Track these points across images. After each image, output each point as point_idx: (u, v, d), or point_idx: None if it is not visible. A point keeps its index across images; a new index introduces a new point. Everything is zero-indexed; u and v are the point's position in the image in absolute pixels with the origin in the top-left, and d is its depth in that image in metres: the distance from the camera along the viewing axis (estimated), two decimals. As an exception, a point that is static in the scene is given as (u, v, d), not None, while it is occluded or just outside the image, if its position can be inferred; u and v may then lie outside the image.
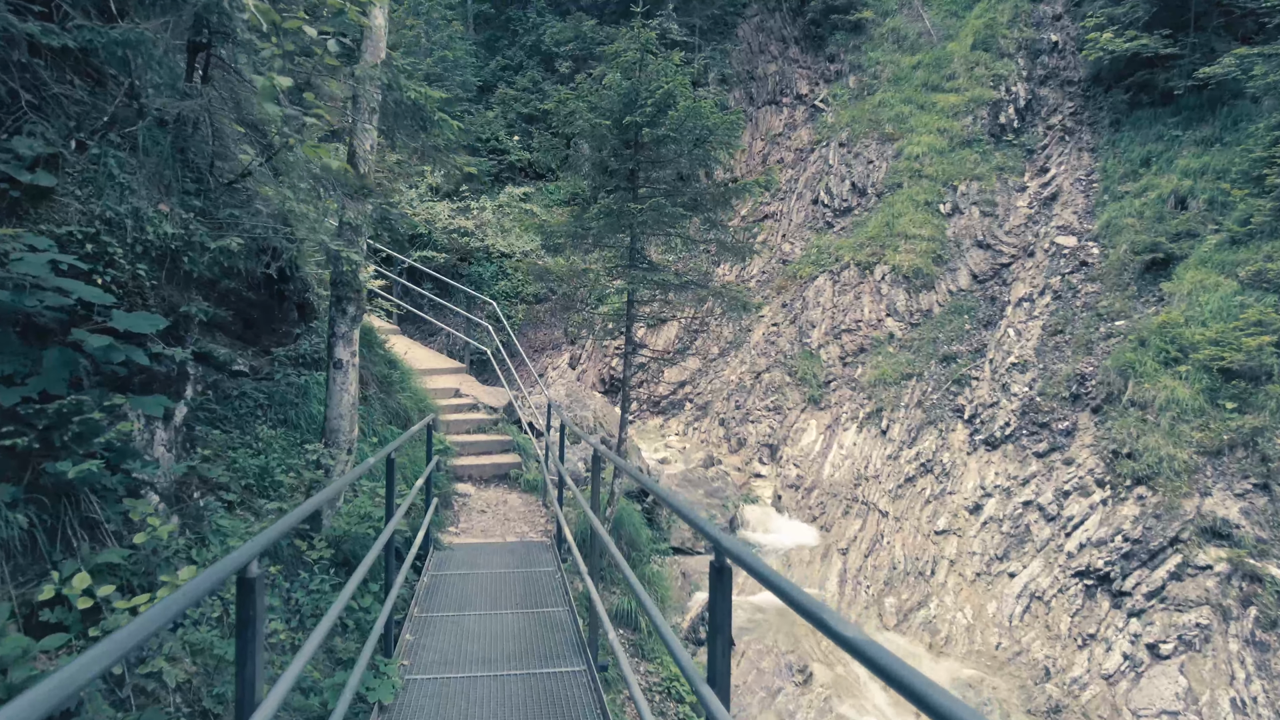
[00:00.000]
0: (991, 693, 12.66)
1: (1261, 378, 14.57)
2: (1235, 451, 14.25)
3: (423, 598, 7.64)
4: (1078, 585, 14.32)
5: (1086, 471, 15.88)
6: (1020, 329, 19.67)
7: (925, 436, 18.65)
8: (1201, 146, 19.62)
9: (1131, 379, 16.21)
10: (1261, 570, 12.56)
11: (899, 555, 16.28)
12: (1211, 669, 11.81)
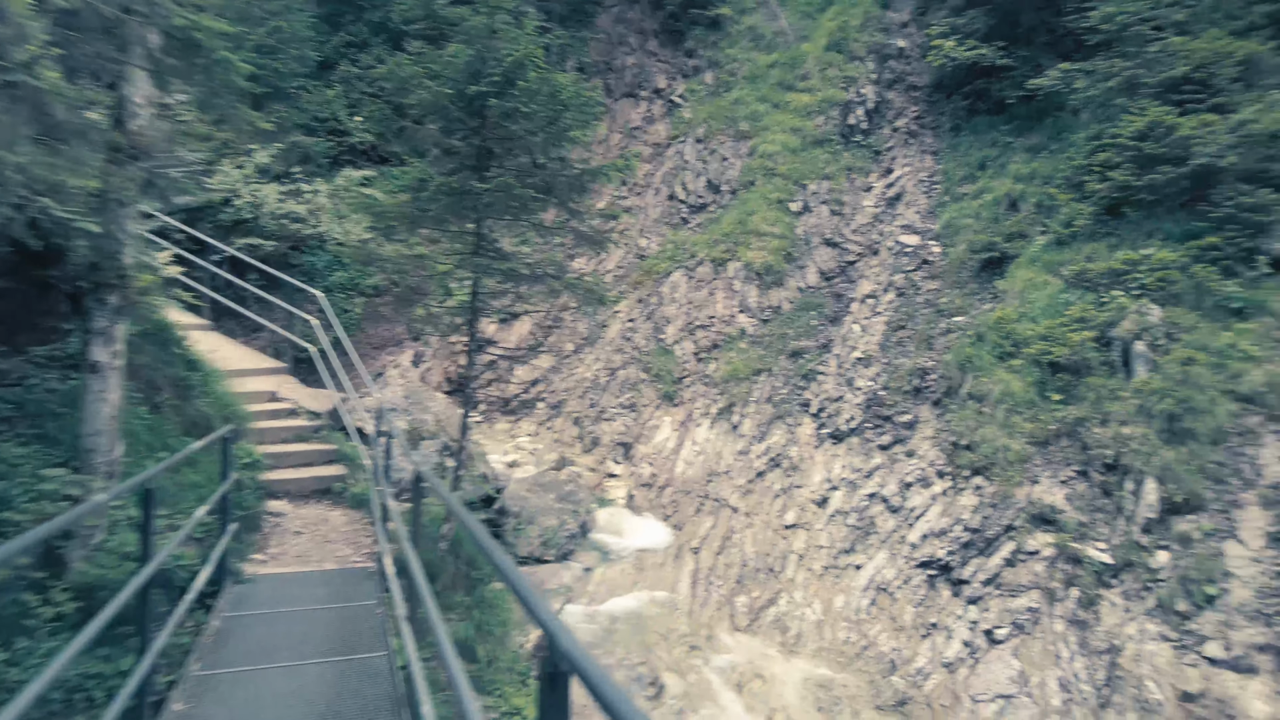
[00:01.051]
0: (842, 690, 12.65)
1: (1083, 371, 15.40)
2: (1060, 441, 15.00)
3: (208, 649, 6.36)
4: (921, 575, 14.65)
5: (928, 463, 16.33)
6: (865, 325, 20.14)
7: (775, 431, 18.73)
8: (1031, 153, 20.74)
9: (969, 373, 16.82)
10: (1082, 553, 13.20)
11: (750, 552, 16.18)
12: (1041, 650, 12.27)
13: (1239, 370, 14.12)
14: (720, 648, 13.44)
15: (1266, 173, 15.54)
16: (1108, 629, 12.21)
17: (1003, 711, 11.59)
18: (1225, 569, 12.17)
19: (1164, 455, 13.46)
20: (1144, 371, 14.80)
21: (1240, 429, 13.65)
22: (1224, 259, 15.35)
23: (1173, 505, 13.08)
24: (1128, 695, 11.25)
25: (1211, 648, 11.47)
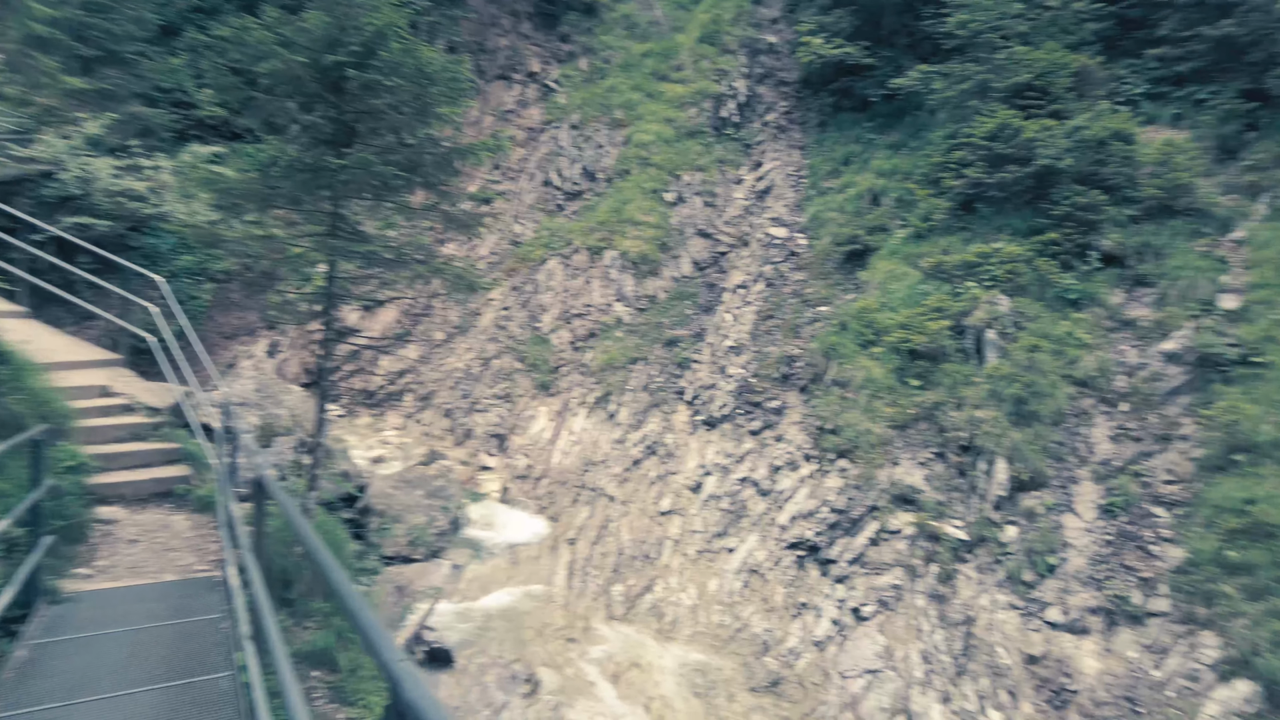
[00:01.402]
0: (717, 674, 12.78)
1: (940, 357, 16.23)
2: (919, 424, 15.74)
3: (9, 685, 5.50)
4: (791, 557, 15.02)
5: (796, 447, 16.78)
6: (736, 314, 20.49)
7: (651, 419, 18.77)
8: (892, 150, 21.67)
9: (834, 360, 17.39)
10: (940, 530, 13.90)
11: (626, 540, 16.14)
12: (904, 625, 12.83)
13: (1075, 356, 15.27)
14: (597, 638, 13.30)
15: (1097, 175, 16.87)
16: (963, 601, 12.91)
17: (869, 686, 12.04)
18: (1064, 540, 13.13)
19: (1012, 436, 14.37)
20: (994, 358, 15.76)
21: (1076, 410, 14.78)
22: (1063, 253, 16.56)
23: (1020, 483, 14.00)
24: (981, 662, 11.93)
25: (1052, 613, 12.34)
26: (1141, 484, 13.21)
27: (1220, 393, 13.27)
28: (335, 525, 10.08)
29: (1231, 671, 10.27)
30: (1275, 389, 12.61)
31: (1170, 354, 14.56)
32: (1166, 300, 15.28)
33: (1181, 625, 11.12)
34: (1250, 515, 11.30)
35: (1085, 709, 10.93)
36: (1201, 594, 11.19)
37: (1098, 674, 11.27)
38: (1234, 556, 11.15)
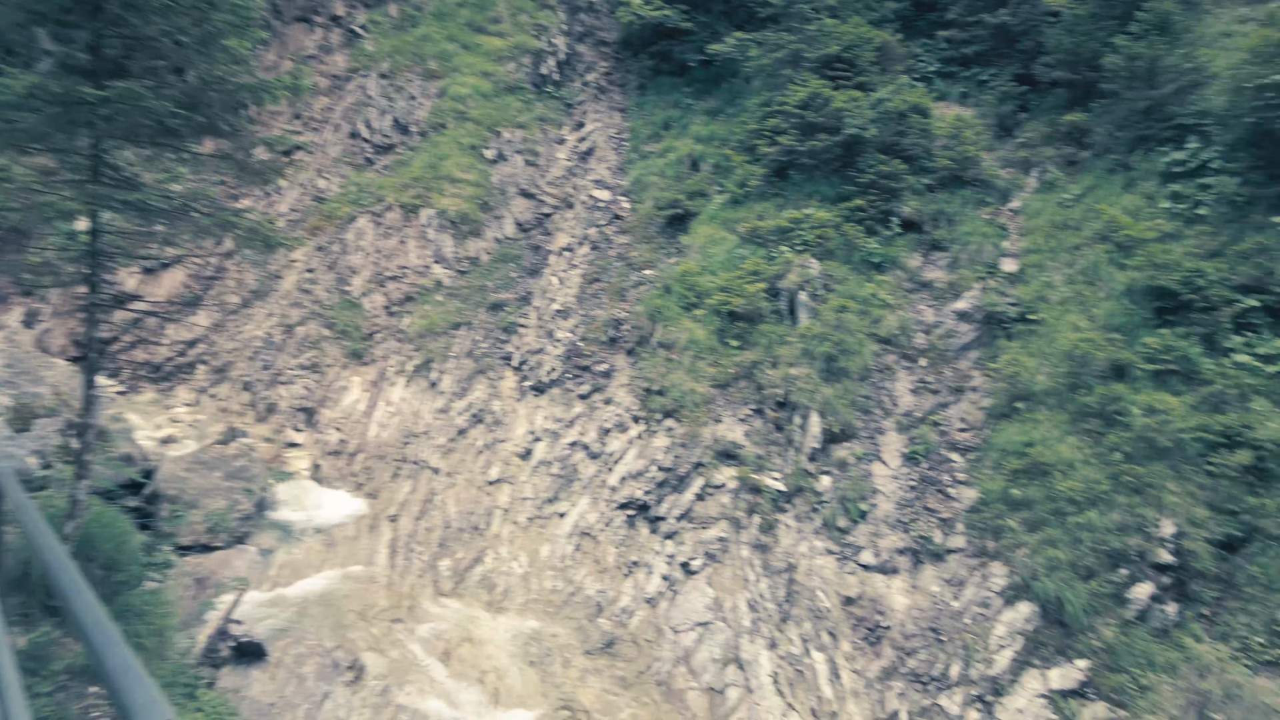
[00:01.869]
0: (552, 641, 12.61)
1: (757, 319, 16.77)
2: (739, 383, 16.24)
3: None
4: (621, 517, 15.07)
5: (624, 409, 16.81)
6: (562, 277, 20.16)
7: (476, 386, 18.13)
8: (709, 116, 22.00)
9: (659, 322, 17.54)
10: (760, 483, 14.44)
11: (452, 512, 15.53)
12: (731, 576, 13.25)
13: (879, 316, 16.32)
14: (425, 616, 12.71)
15: (898, 146, 18.01)
16: (785, 550, 13.52)
17: (701, 639, 12.34)
18: (873, 487, 14.07)
19: (824, 392, 15.15)
20: (806, 319, 16.52)
21: (881, 366, 15.81)
22: (867, 219, 17.57)
23: (832, 435, 14.80)
24: (803, 607, 12.56)
25: (865, 555, 13.21)
26: (939, 432, 14.38)
27: (1003, 347, 14.66)
28: (116, 517, 8.79)
29: (1015, 596, 11.44)
30: (1047, 343, 14.08)
31: (961, 313, 15.90)
32: (958, 263, 16.63)
33: (975, 559, 12.25)
34: (1029, 456, 12.58)
35: (897, 642, 11.81)
36: (991, 529, 12.37)
37: (906, 609, 12.21)
38: (1016, 494, 12.39)
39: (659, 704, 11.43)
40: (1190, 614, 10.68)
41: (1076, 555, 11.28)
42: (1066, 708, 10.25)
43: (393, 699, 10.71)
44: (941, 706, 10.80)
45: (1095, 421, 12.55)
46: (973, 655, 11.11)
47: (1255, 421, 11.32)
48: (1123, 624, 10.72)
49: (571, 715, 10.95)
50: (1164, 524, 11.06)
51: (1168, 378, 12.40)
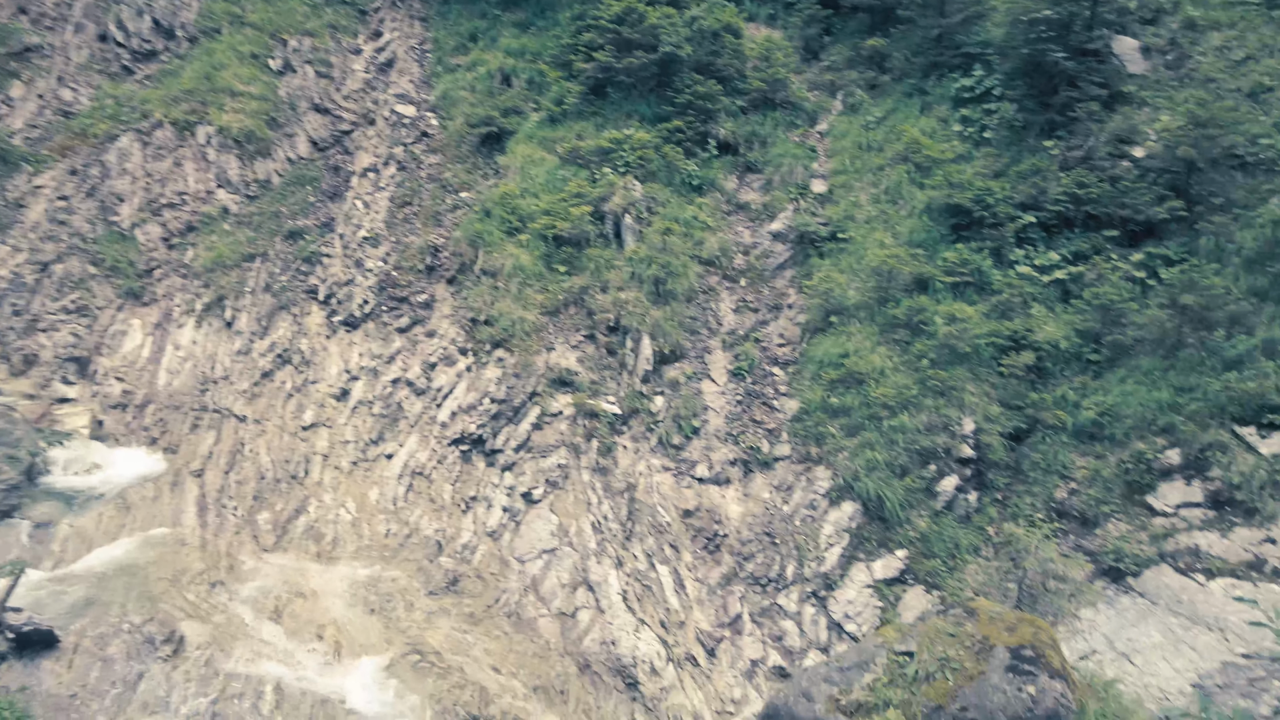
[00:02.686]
0: (391, 585, 12.09)
1: (583, 243, 16.48)
2: (569, 309, 16.00)
3: None
4: (454, 453, 14.58)
5: (449, 341, 16.10)
6: (368, 201, 18.69)
7: (279, 324, 16.59)
8: (520, 29, 20.87)
9: (481, 248, 16.79)
10: (596, 407, 14.45)
11: (266, 462, 14.30)
12: (573, 501, 13.26)
13: (701, 238, 16.56)
14: (248, 575, 11.72)
15: (712, 66, 18.05)
16: (624, 470, 13.70)
17: (548, 566, 12.33)
18: (704, 404, 14.50)
19: (654, 315, 15.26)
20: (633, 242, 16.45)
21: (705, 287, 16.13)
22: (686, 141, 17.59)
23: (663, 356, 15.01)
24: (645, 524, 12.85)
25: (700, 469, 13.67)
26: (761, 349, 15.00)
27: (816, 265, 15.40)
28: None
29: (839, 496, 12.35)
30: (856, 260, 14.95)
31: (776, 233, 16.50)
32: (771, 185, 17.16)
33: (801, 465, 13.05)
34: (845, 367, 13.44)
35: (735, 549, 12.42)
36: (813, 436, 13.18)
37: (741, 517, 12.83)
38: (835, 402, 13.25)
39: (510, 635, 11.36)
40: (987, 500, 12.05)
41: (891, 455, 12.31)
42: (890, 594, 11.32)
43: (220, 668, 9.85)
44: (780, 605, 11.56)
45: (903, 332, 13.59)
46: (805, 555, 11.93)
47: (1035, 325, 12.74)
48: (933, 514, 11.91)
49: (421, 658, 10.62)
50: (965, 422, 12.30)
51: (964, 289, 13.63)
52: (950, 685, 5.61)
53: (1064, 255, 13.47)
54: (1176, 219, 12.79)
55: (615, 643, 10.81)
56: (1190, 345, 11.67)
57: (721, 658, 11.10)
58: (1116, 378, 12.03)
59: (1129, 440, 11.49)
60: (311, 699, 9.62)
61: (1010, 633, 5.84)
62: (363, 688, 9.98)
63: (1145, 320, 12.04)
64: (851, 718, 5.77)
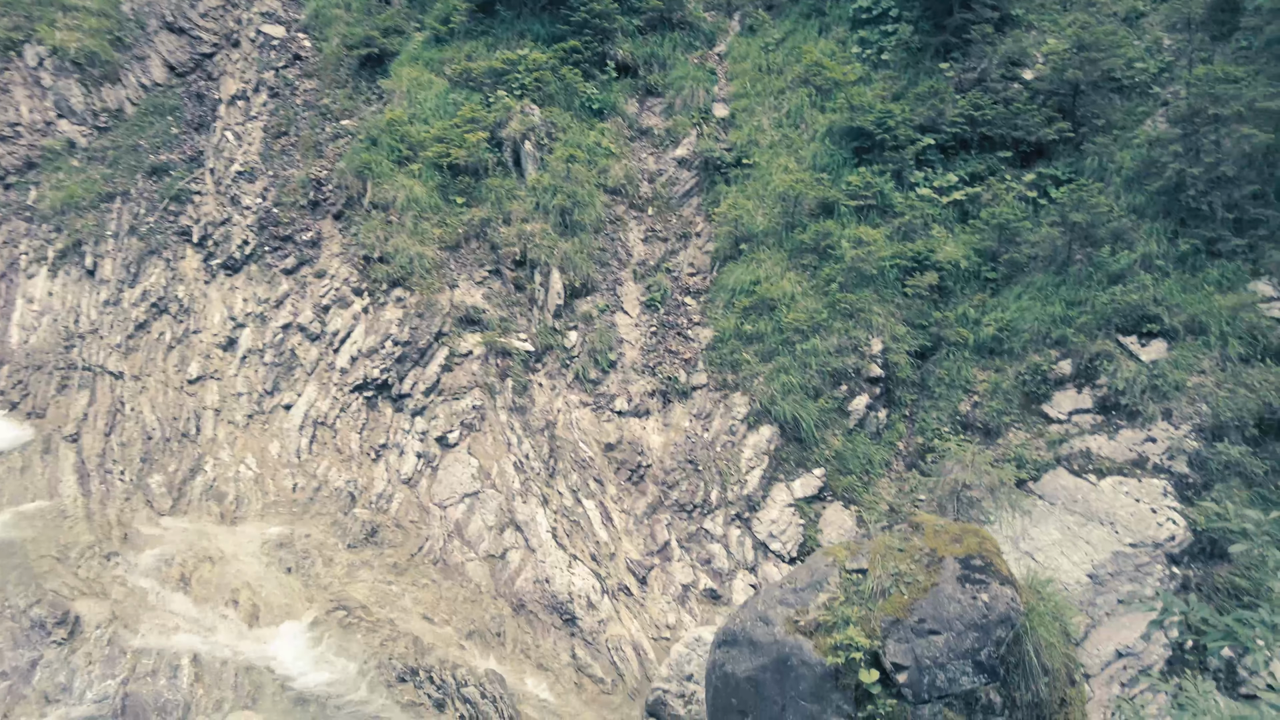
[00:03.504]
0: (306, 542, 11.54)
1: (481, 172, 15.71)
2: (470, 243, 15.33)
3: None
4: (358, 400, 13.92)
5: (342, 282, 15.18)
6: (240, 132, 17.13)
7: (149, 270, 15.16)
8: (393, -63, 19.25)
9: (369, 180, 15.74)
10: (508, 345, 14.04)
11: (151, 421, 13.22)
12: (492, 443, 12.95)
13: (605, 165, 16.09)
14: (145, 543, 10.89)
15: (607, -19, 17.27)
16: (542, 408, 13.46)
17: (471, 509, 12.06)
18: (619, 337, 14.34)
19: (562, 247, 14.82)
20: (534, 170, 15.81)
21: (613, 217, 15.78)
22: (584, 62, 16.86)
23: (574, 290, 14.67)
24: (568, 460, 12.73)
25: (619, 402, 13.59)
26: (673, 278, 14.90)
27: (723, 192, 15.28)
28: None
29: (757, 420, 12.57)
30: (761, 186, 14.93)
31: (681, 159, 16.23)
32: (673, 109, 16.78)
33: (718, 392, 13.16)
34: (756, 294, 13.54)
35: (658, 478, 12.50)
36: (729, 364, 13.29)
37: (663, 446, 12.89)
38: (748, 329, 13.36)
39: (439, 583, 11.11)
40: (896, 416, 12.55)
41: (805, 378, 12.58)
42: (810, 511, 11.71)
43: (127, 645, 9.17)
44: (706, 530, 11.78)
45: (810, 257, 13.76)
46: (727, 479, 12.15)
47: (936, 246, 13.15)
48: (846, 433, 12.32)
49: (348, 614, 10.24)
50: (873, 342, 12.67)
51: (868, 212, 13.87)
52: (906, 599, 5.84)
53: (961, 177, 13.88)
54: (1064, 140, 13.36)
55: (549, 580, 10.75)
56: (1078, 261, 12.35)
57: (653, 585, 11.26)
58: (1013, 294, 12.63)
59: (1025, 353, 12.15)
60: (234, 667, 9.14)
61: (957, 544, 6.12)
62: (289, 651, 9.56)
63: (1038, 238, 12.62)
64: (812, 637, 5.94)
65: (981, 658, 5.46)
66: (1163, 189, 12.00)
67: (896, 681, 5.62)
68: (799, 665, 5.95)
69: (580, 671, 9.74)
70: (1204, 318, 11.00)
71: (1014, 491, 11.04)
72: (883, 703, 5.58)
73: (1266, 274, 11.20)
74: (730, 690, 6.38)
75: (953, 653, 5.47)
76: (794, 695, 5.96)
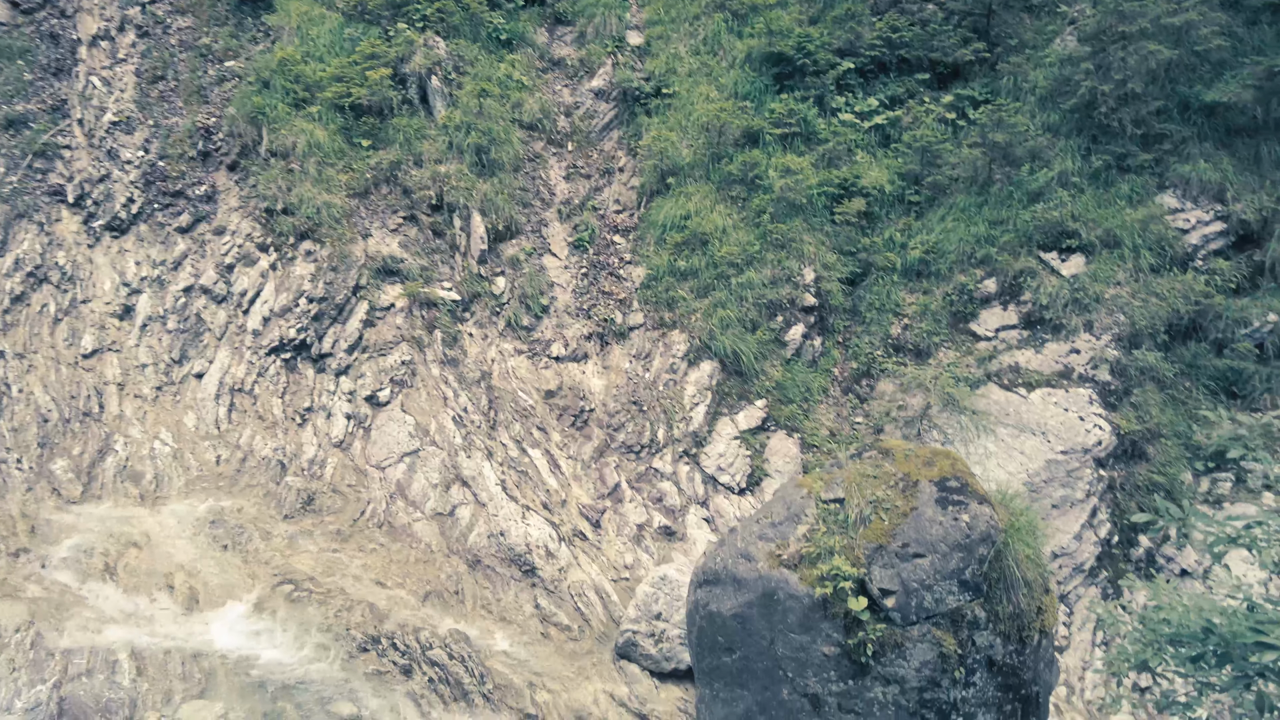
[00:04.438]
0: (239, 516, 10.92)
1: (386, 112, 14.77)
2: (381, 189, 14.49)
3: None
4: (276, 362, 13.14)
5: (244, 237, 14.15)
6: (108, 77, 15.49)
7: (20, 235, 13.70)
8: None
9: (265, 126, 14.58)
10: (432, 295, 13.46)
11: (45, 402, 12.12)
12: (427, 398, 12.49)
13: (519, 100, 15.36)
14: (58, 535, 10.07)
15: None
16: (475, 359, 13.03)
17: (412, 468, 11.65)
18: (549, 280, 13.94)
19: (481, 188, 14.18)
20: (444, 108, 14.95)
21: (531, 155, 15.17)
22: (486, -11, 15.94)
23: (497, 233, 14.11)
24: (508, 410, 12.42)
25: (555, 348, 13.29)
26: (599, 217, 14.52)
27: (645, 124, 14.86)
28: None
29: (697, 357, 12.53)
30: (684, 117, 14.58)
31: (598, 91, 15.66)
32: (585, 38, 16.11)
33: (656, 331, 13.03)
34: (688, 229, 13.35)
35: (603, 421, 12.37)
36: (665, 301, 13.14)
37: (604, 390, 12.73)
38: (682, 265, 13.20)
39: (387, 546, 10.76)
40: (830, 343, 12.73)
41: (742, 312, 12.57)
42: (755, 442, 11.84)
43: (54, 647, 8.52)
44: (656, 469, 11.77)
45: (739, 188, 13.62)
46: (672, 417, 12.12)
47: (861, 172, 13.20)
48: (785, 363, 12.43)
49: (295, 587, 9.81)
50: (806, 272, 12.73)
51: (792, 140, 13.76)
52: (887, 525, 5.94)
53: (881, 100, 13.91)
54: (980, 60, 13.51)
55: (504, 533, 10.55)
56: (998, 181, 12.65)
57: (607, 528, 11.22)
58: (937, 217, 12.86)
59: (951, 274, 12.46)
60: (179, 656, 8.63)
61: (929, 467, 6.24)
62: (236, 632, 9.10)
63: (959, 160, 12.83)
64: (796, 570, 5.99)
65: (966, 576, 5.63)
66: (1075, 107, 12.34)
67: (884, 606, 5.74)
68: (786, 599, 6.01)
69: (545, 621, 9.67)
70: (1118, 231, 11.49)
71: (949, 409, 11.44)
72: (872, 628, 5.70)
73: (1171, 187, 11.75)
74: (716, 628, 6.41)
75: (939, 574, 5.61)
76: (782, 628, 6.03)
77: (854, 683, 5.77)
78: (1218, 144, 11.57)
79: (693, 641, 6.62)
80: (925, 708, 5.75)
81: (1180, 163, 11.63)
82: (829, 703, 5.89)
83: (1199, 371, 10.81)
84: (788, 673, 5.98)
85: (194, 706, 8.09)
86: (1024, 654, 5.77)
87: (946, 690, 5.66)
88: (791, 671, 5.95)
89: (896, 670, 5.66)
